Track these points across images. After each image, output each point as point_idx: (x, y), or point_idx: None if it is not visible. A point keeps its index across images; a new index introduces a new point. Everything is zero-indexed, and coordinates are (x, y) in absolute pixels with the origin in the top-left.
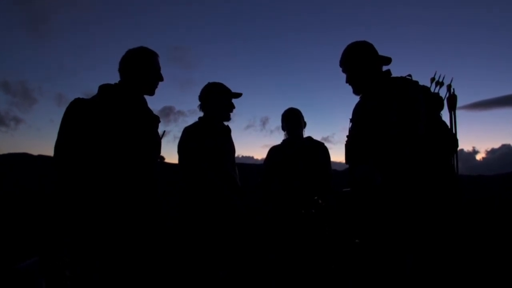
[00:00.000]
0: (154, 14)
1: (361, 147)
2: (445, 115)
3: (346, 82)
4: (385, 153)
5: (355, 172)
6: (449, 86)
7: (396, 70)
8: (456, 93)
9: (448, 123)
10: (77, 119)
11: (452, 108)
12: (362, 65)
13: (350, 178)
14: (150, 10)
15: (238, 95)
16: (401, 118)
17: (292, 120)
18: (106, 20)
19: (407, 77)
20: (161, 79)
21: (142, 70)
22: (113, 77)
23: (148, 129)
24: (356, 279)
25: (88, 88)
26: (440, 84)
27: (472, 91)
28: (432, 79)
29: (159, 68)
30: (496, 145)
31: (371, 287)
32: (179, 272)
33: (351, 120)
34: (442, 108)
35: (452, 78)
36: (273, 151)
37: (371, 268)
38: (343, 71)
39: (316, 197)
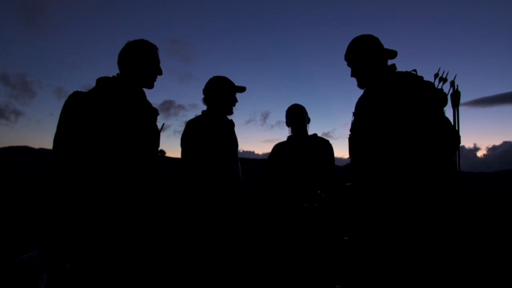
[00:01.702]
0: (155, 7)
1: (365, 142)
2: (448, 112)
3: (352, 75)
4: (391, 151)
5: (361, 168)
6: (452, 83)
7: (400, 65)
8: (459, 89)
9: (451, 119)
10: (76, 112)
11: (456, 105)
12: (367, 59)
13: (353, 172)
14: (150, 2)
15: (242, 89)
16: (407, 114)
17: (297, 117)
18: (106, 14)
19: (412, 72)
20: (160, 72)
21: (141, 62)
22: (113, 71)
23: (147, 121)
24: (357, 275)
25: (87, 82)
26: (444, 80)
27: (474, 88)
28: (436, 75)
29: (158, 61)
30: (497, 142)
31: (371, 282)
32: (179, 271)
33: (354, 114)
34: (445, 104)
35: (456, 74)
36: (278, 148)
37: (372, 263)
38: (348, 64)
39: (319, 191)
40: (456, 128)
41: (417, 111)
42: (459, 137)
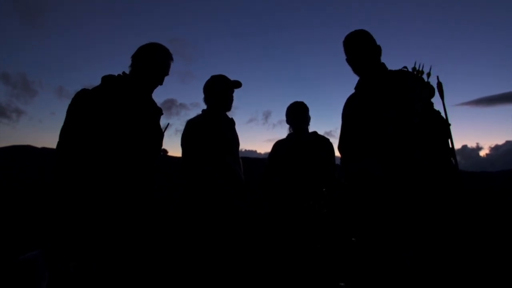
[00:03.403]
0: (156, 6)
1: (356, 141)
2: (438, 105)
3: (349, 63)
4: (384, 148)
5: (351, 166)
6: (428, 74)
7: (399, 65)
8: (440, 80)
9: (441, 111)
10: (83, 109)
11: (442, 95)
12: (366, 52)
13: (347, 172)
14: (151, 1)
15: (238, 84)
16: (399, 113)
17: (298, 114)
18: (105, 13)
19: (403, 69)
20: (161, 83)
21: (154, 70)
22: (113, 70)
23: (150, 121)
24: (359, 274)
25: (88, 81)
26: (420, 72)
27: (476, 87)
28: (413, 69)
29: (167, 73)
30: (500, 141)
31: (372, 283)
32: (179, 271)
33: (344, 115)
34: (433, 95)
35: (431, 66)
36: (278, 145)
37: (372, 263)
38: (349, 59)
39: (324, 189)
40: (445, 117)
41: (409, 109)
42: (449, 124)
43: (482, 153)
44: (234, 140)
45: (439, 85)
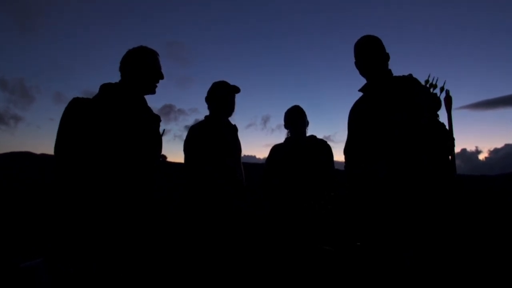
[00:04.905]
0: (155, 9)
1: (363, 145)
2: (443, 117)
3: (360, 72)
4: (391, 151)
5: (356, 169)
6: (442, 88)
7: (399, 70)
8: (451, 94)
9: (446, 123)
10: (76, 119)
11: (449, 109)
12: (378, 58)
13: (349, 173)
14: (149, 5)
15: (236, 89)
16: (406, 116)
17: (295, 119)
18: (101, 17)
19: (408, 76)
20: (161, 77)
21: (141, 70)
22: (110, 75)
23: (148, 128)
24: (357, 274)
25: (86, 86)
26: (434, 86)
27: (476, 91)
28: (426, 81)
29: (158, 67)
30: (499, 144)
31: (372, 283)
32: (179, 271)
33: (350, 120)
34: (439, 108)
35: (445, 80)
36: (276, 149)
37: (371, 263)
38: (360, 63)
39: (326, 192)
40: (451, 131)
41: (417, 113)
42: (453, 139)
43: (481, 156)
44: (235, 144)
45: (449, 99)
